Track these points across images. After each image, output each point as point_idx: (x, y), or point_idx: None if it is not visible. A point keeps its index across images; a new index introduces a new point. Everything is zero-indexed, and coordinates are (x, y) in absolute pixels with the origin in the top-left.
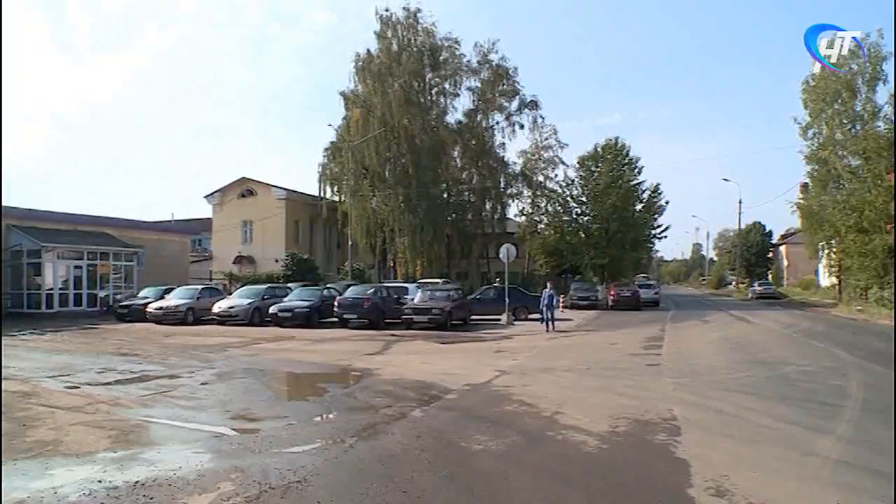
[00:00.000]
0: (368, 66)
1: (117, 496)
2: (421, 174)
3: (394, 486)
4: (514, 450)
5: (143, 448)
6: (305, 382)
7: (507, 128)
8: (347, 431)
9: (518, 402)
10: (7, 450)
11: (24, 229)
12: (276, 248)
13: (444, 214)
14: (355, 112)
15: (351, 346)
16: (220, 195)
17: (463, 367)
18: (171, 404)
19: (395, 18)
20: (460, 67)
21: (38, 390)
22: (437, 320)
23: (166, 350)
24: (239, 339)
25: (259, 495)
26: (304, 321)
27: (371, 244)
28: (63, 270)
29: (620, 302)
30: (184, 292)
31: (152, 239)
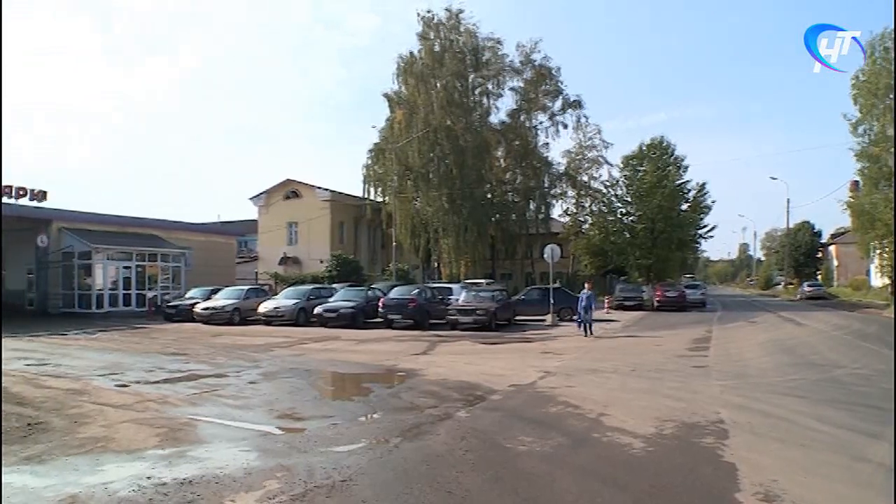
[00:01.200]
0: (411, 67)
1: (165, 493)
2: (465, 174)
3: (438, 486)
4: (559, 451)
5: (190, 446)
6: (350, 382)
7: (551, 127)
8: (392, 431)
9: (563, 404)
10: (60, 445)
11: (75, 231)
12: (321, 248)
13: (488, 215)
14: (399, 113)
15: (396, 346)
16: (266, 197)
17: (508, 367)
18: (218, 403)
19: (438, 20)
20: (503, 67)
21: (90, 388)
22: (481, 321)
23: (214, 350)
24: (285, 339)
25: (304, 494)
26: (349, 321)
27: (415, 245)
28: (113, 271)
29: (666, 303)
30: (230, 293)
31: (199, 240)
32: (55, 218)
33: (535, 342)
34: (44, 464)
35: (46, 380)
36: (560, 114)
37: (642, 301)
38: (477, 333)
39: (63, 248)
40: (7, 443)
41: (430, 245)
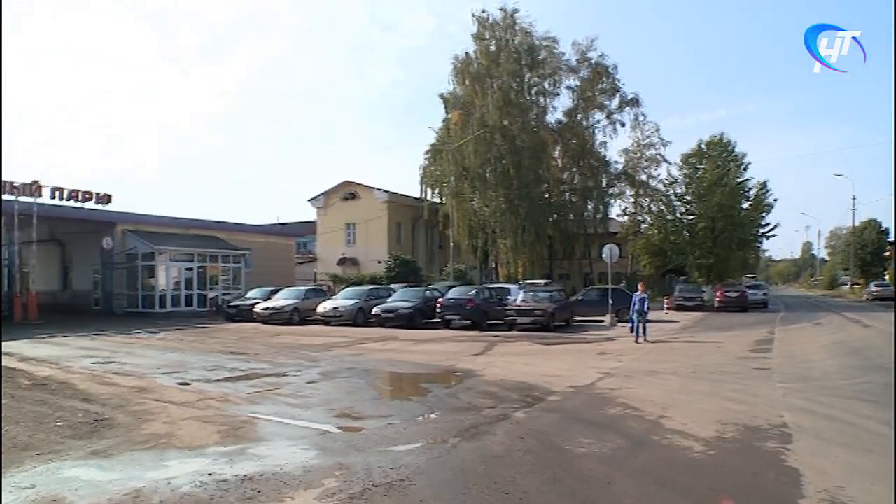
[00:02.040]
0: (467, 67)
1: (226, 489)
2: (522, 175)
3: (496, 487)
4: (617, 454)
5: (251, 443)
6: (408, 382)
7: (608, 126)
8: (450, 431)
9: (622, 406)
10: (125, 441)
11: (138, 234)
12: (379, 249)
13: (545, 215)
14: (455, 114)
15: (453, 346)
16: (324, 198)
17: (566, 368)
18: (278, 401)
19: (493, 20)
20: (559, 66)
21: (153, 386)
22: (539, 321)
23: (273, 349)
24: (343, 338)
25: (363, 492)
26: (407, 322)
27: (473, 245)
28: (175, 272)
29: (727, 303)
30: (290, 293)
31: (259, 242)
32: (119, 221)
33: (593, 343)
34: (109, 458)
35: (112, 377)
36: (617, 112)
37: (702, 301)
38: (535, 334)
39: (127, 250)
40: (74, 437)
41: (488, 245)
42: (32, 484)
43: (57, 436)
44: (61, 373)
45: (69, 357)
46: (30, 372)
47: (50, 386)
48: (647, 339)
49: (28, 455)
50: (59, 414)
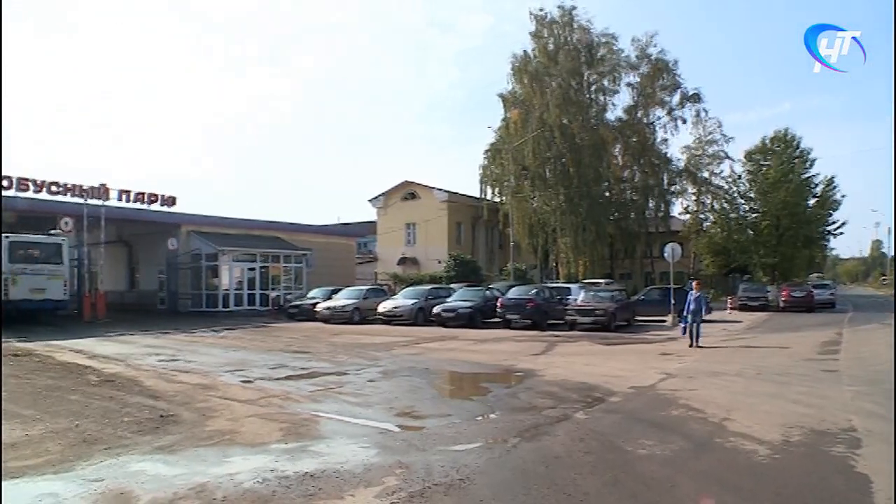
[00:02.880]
0: (525, 66)
1: (288, 485)
2: (582, 173)
3: (556, 488)
4: (680, 456)
5: (312, 441)
6: (469, 382)
7: (669, 123)
8: (510, 431)
9: (685, 407)
10: (189, 437)
11: (202, 235)
12: (439, 249)
13: (606, 214)
14: (514, 113)
15: (514, 346)
16: (384, 198)
17: (627, 369)
18: (339, 400)
19: (551, 18)
20: (618, 63)
21: (217, 384)
22: (600, 321)
23: (334, 348)
24: (403, 338)
25: (423, 491)
26: (467, 321)
27: (533, 244)
28: (238, 272)
29: (792, 303)
30: (350, 293)
31: (320, 242)
32: (184, 222)
33: (655, 343)
34: (174, 454)
35: (177, 375)
36: (678, 108)
37: (767, 301)
38: (596, 334)
39: (191, 251)
40: (140, 433)
41: (548, 245)
42: (101, 477)
43: (124, 431)
44: (128, 370)
45: (136, 355)
46: (98, 369)
47: (117, 382)
48: (700, 343)
49: (97, 449)
50: (127, 410)
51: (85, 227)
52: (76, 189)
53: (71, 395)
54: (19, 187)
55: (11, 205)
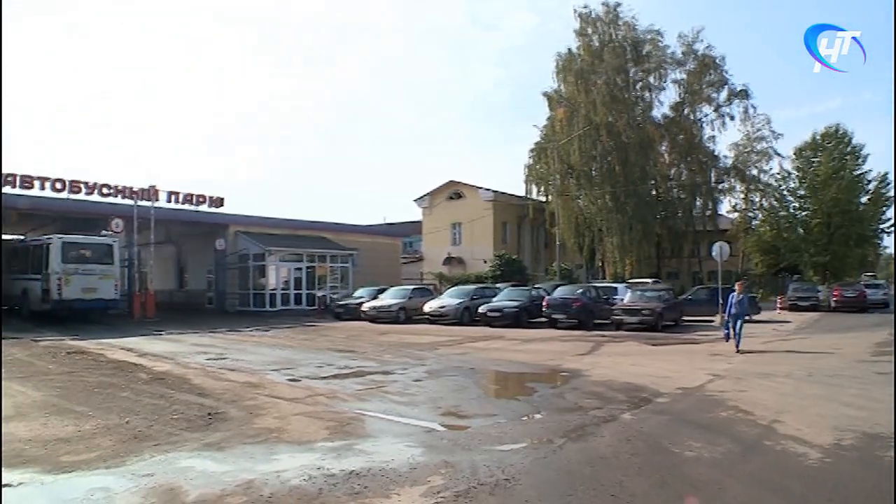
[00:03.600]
0: (570, 64)
1: (334, 483)
2: (628, 171)
3: (602, 489)
4: (728, 458)
5: (358, 439)
6: (514, 381)
7: (717, 120)
8: (556, 432)
9: (733, 409)
10: (237, 434)
11: (250, 235)
12: (485, 248)
13: (652, 212)
14: (559, 111)
15: (560, 346)
16: (430, 198)
17: (674, 370)
18: (384, 399)
19: (595, 15)
20: (664, 60)
21: (264, 382)
22: (647, 321)
23: (380, 347)
24: (449, 337)
25: (468, 491)
26: (512, 321)
27: (578, 244)
28: (285, 272)
29: (844, 303)
30: (396, 292)
31: (366, 241)
32: (232, 223)
33: (703, 344)
34: (222, 451)
35: (225, 373)
36: (726, 105)
37: (818, 301)
38: (642, 334)
39: (239, 251)
40: (189, 430)
41: (594, 244)
42: (150, 472)
43: (173, 428)
44: (177, 368)
45: (185, 353)
46: (148, 367)
47: (167, 380)
48: (741, 347)
49: (147, 445)
50: (176, 407)
51: (135, 228)
52: (126, 191)
53: (122, 392)
54: (72, 189)
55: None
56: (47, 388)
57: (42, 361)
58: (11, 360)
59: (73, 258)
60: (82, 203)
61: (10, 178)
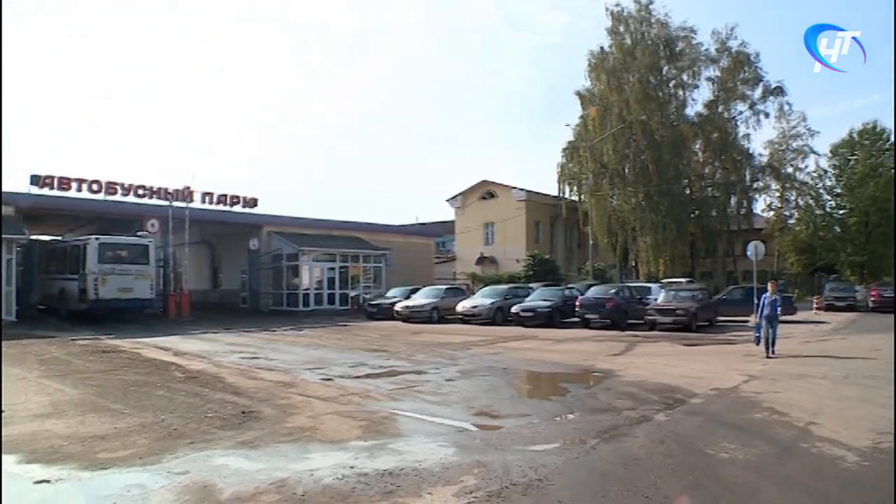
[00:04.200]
0: (602, 63)
1: (367, 482)
2: (662, 170)
3: (635, 490)
4: (763, 460)
5: (391, 439)
6: (547, 382)
7: (751, 118)
8: (589, 432)
9: (768, 410)
10: (270, 433)
11: (283, 235)
12: (518, 248)
13: (686, 211)
14: (592, 110)
15: (593, 346)
16: (462, 198)
17: (709, 370)
18: (417, 398)
19: (627, 13)
20: (698, 57)
21: (297, 381)
22: (681, 321)
23: (413, 347)
24: (482, 337)
25: (501, 491)
26: (545, 321)
27: (612, 243)
28: (318, 272)
29: (882, 303)
30: (429, 292)
31: (399, 242)
32: (265, 223)
33: (737, 344)
34: (256, 449)
35: (258, 372)
36: (760, 102)
37: (855, 301)
38: (676, 334)
39: (273, 251)
40: (224, 428)
41: (628, 243)
42: (185, 470)
43: (208, 426)
44: (212, 367)
45: (219, 352)
46: (183, 366)
47: (201, 379)
48: (775, 352)
49: (182, 443)
50: (210, 406)
51: (170, 229)
52: (161, 192)
53: (157, 390)
54: (108, 191)
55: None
56: (84, 386)
57: (79, 360)
58: (49, 358)
59: (109, 258)
60: (118, 204)
61: (48, 180)
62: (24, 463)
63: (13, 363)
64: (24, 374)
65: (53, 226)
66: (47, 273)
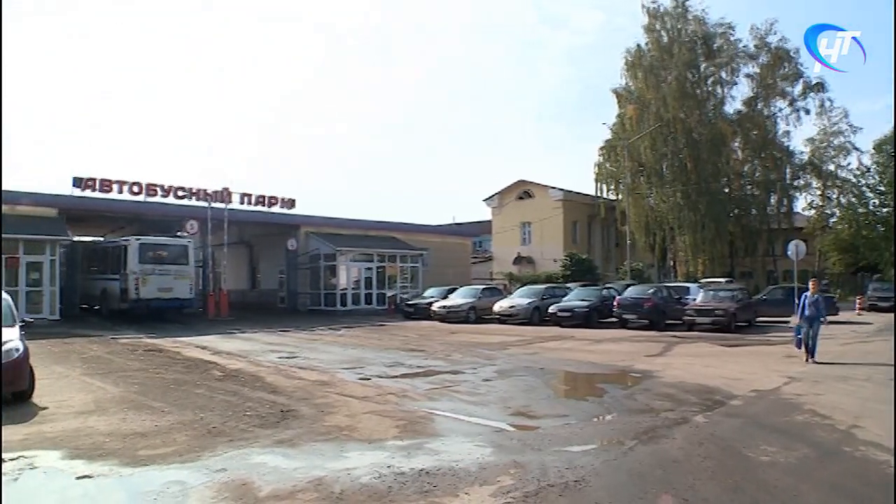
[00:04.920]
0: (639, 61)
1: (403, 482)
2: (700, 169)
3: (673, 492)
4: (805, 464)
5: (428, 438)
6: (584, 382)
7: (792, 114)
8: (626, 433)
9: (810, 412)
10: (308, 432)
11: (321, 235)
12: (555, 248)
13: (725, 210)
14: (629, 109)
15: (630, 346)
16: (499, 198)
17: (748, 371)
18: (454, 398)
19: (664, 10)
20: (736, 54)
21: (335, 380)
22: (720, 322)
23: (450, 347)
24: (519, 337)
25: (538, 492)
26: (583, 321)
27: (650, 243)
28: (355, 272)
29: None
30: (466, 292)
31: (436, 241)
32: (303, 223)
33: (778, 345)
34: (294, 447)
35: (296, 371)
36: (801, 99)
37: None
38: (715, 335)
39: (310, 251)
40: (262, 426)
41: (666, 243)
42: (224, 468)
43: (246, 424)
44: (250, 366)
45: (257, 351)
46: (222, 365)
47: (240, 378)
48: (815, 358)
49: (220, 441)
50: (249, 404)
51: (209, 230)
52: (200, 193)
53: (196, 389)
54: (148, 192)
55: None
56: (126, 384)
57: (121, 358)
58: (92, 356)
59: (149, 259)
60: (158, 205)
61: (90, 182)
62: (68, 459)
63: (57, 361)
64: (68, 372)
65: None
66: (89, 273)
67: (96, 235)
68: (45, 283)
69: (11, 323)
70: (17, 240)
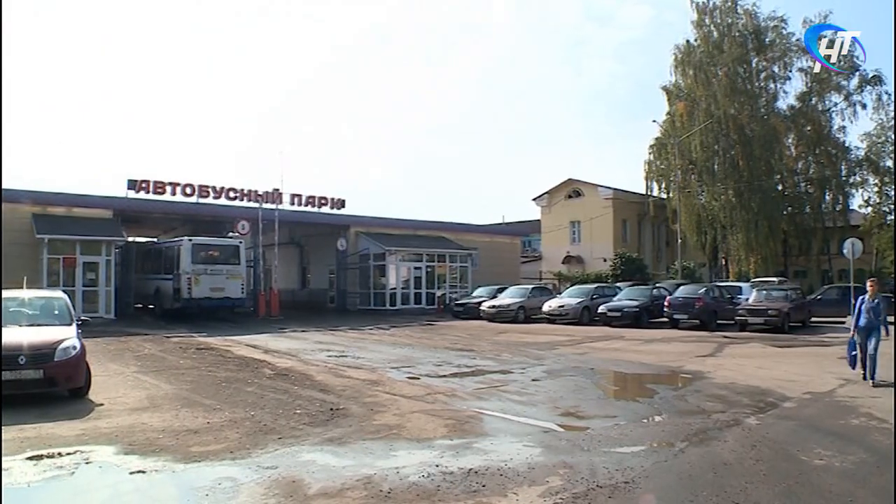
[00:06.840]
0: (688, 57)
1: (452, 481)
2: (752, 166)
3: (725, 496)
4: (861, 469)
5: (476, 438)
6: (634, 383)
7: (847, 109)
8: (677, 435)
9: (866, 416)
10: (357, 430)
11: (370, 235)
12: (604, 247)
13: (779, 208)
14: (679, 106)
15: (681, 347)
16: (548, 197)
17: (802, 373)
18: (503, 398)
19: (713, 4)
20: (789, 48)
21: (384, 379)
22: (773, 322)
23: (499, 346)
24: (568, 337)
25: (587, 493)
26: (632, 321)
27: (701, 241)
28: (405, 272)
29: None
30: (515, 291)
31: (485, 241)
32: (352, 224)
33: (833, 346)
34: (343, 445)
35: (346, 370)
36: (857, 93)
37: None
38: (768, 335)
39: (360, 251)
40: (312, 425)
41: (717, 242)
42: (274, 465)
43: (296, 422)
44: (300, 364)
45: (307, 350)
46: (272, 363)
47: (290, 376)
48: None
49: (271, 438)
50: (299, 402)
51: (260, 230)
52: (252, 194)
53: (247, 387)
54: (201, 194)
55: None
56: (178, 382)
57: (173, 357)
58: (145, 354)
59: (202, 259)
60: (210, 206)
61: (144, 184)
62: (122, 454)
63: (112, 359)
64: (122, 370)
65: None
66: (143, 273)
67: (150, 236)
68: (100, 282)
69: (69, 321)
70: (73, 241)
